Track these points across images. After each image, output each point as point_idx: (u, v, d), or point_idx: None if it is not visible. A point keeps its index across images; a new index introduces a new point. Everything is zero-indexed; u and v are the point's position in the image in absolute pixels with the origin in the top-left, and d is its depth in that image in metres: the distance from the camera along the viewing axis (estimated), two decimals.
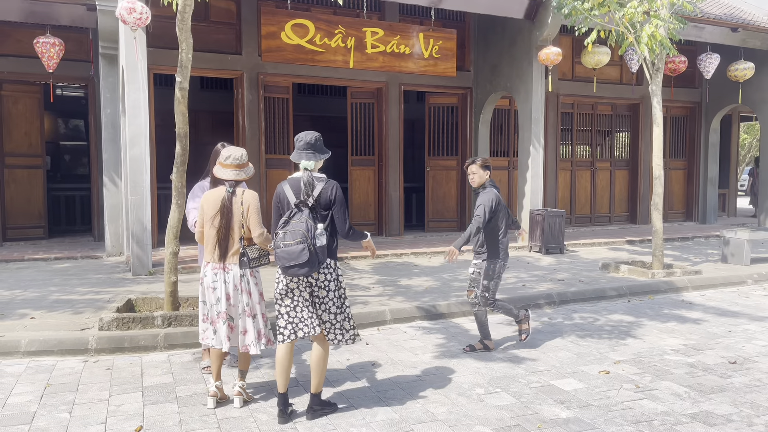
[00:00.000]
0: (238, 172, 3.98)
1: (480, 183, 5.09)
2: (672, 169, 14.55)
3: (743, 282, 8.17)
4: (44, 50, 8.84)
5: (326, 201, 3.69)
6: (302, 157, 3.74)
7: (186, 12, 5.30)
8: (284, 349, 3.78)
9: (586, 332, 5.75)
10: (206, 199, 4.01)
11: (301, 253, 3.51)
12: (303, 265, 3.53)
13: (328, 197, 3.69)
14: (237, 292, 3.95)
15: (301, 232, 3.54)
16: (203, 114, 13.93)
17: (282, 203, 3.76)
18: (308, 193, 3.64)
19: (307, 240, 3.53)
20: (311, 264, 3.54)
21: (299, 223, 3.58)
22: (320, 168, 3.88)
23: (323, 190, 3.68)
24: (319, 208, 3.67)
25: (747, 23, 11.90)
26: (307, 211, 3.62)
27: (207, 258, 3.99)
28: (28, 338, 5.02)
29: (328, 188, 3.70)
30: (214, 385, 3.96)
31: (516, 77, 10.89)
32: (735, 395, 4.15)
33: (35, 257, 8.89)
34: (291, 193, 3.69)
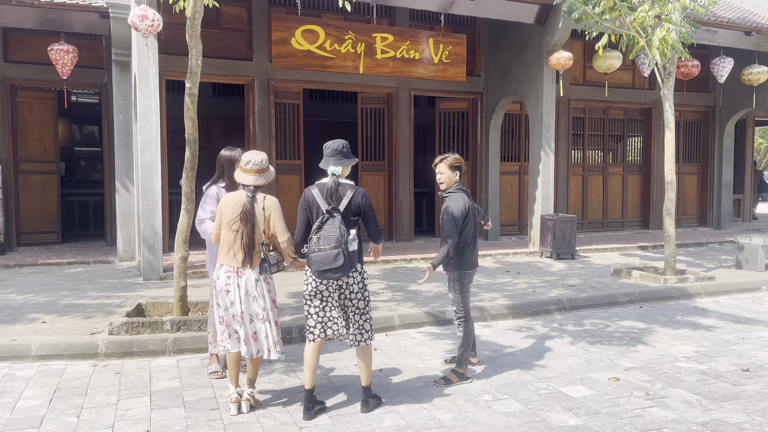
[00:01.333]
0: (258, 177, 3.97)
1: (448, 185, 4.55)
2: (686, 174, 14.42)
3: (758, 288, 8.06)
4: (58, 57, 8.95)
5: (356, 207, 3.84)
6: (330, 164, 3.86)
7: (196, 19, 5.35)
8: (312, 348, 3.92)
9: (597, 338, 5.69)
10: (225, 202, 4.00)
11: (337, 258, 3.65)
12: (338, 269, 3.67)
13: (358, 204, 3.84)
14: (248, 297, 3.93)
15: (336, 237, 3.68)
16: (215, 120, 14.03)
17: (311, 208, 3.85)
18: (338, 198, 3.77)
19: (341, 245, 3.67)
20: (344, 268, 3.69)
21: (333, 229, 3.71)
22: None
23: (354, 197, 3.82)
24: (349, 213, 3.81)
25: (760, 27, 11.78)
26: (339, 217, 3.76)
27: (221, 261, 3.98)
28: (39, 342, 5.06)
29: (359, 195, 3.85)
30: (235, 392, 3.95)
31: (527, 82, 10.85)
32: (747, 403, 4.09)
33: (48, 262, 8.98)
34: (321, 199, 3.80)
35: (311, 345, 3.92)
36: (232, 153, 4.62)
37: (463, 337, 4.55)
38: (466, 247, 4.52)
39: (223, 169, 4.62)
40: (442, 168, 4.56)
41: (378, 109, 11.62)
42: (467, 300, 4.60)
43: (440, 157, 4.59)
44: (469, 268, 4.57)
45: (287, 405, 4.07)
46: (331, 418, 3.85)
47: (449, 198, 4.52)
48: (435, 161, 4.60)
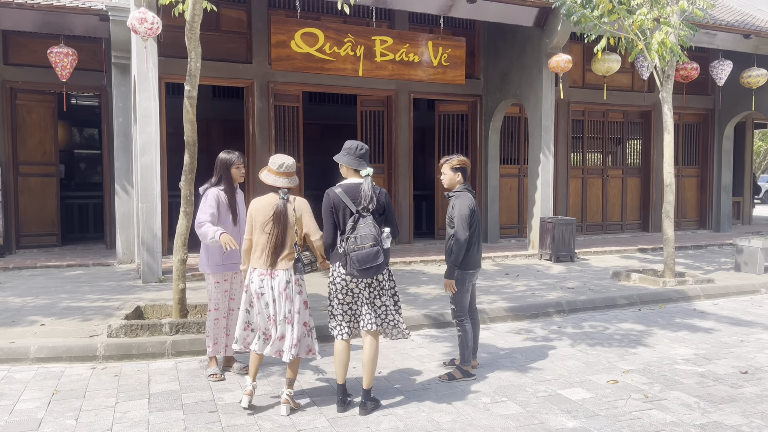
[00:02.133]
0: (290, 180, 4.04)
1: (450, 186, 4.64)
2: (685, 177, 14.43)
3: (757, 291, 8.07)
4: (58, 60, 8.96)
5: (381, 206, 3.94)
6: (364, 165, 3.95)
7: (195, 21, 5.36)
8: (343, 346, 4.00)
9: (596, 341, 5.69)
10: (256, 207, 4.04)
11: (377, 256, 3.73)
12: (379, 267, 3.76)
13: (382, 203, 3.95)
14: (281, 298, 3.96)
15: (373, 235, 3.76)
16: (215, 123, 14.05)
17: (337, 209, 3.90)
18: (371, 198, 3.83)
19: (379, 242, 3.76)
20: (383, 266, 3.79)
21: (368, 228, 3.78)
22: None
23: (379, 196, 3.93)
24: (376, 213, 3.90)
25: (759, 30, 11.80)
26: (370, 217, 3.83)
27: (254, 264, 4.02)
28: (38, 345, 5.06)
29: (383, 195, 3.97)
30: (251, 384, 4.04)
31: (526, 85, 10.87)
32: (746, 405, 4.09)
33: (47, 264, 8.98)
34: (348, 200, 3.86)
35: (342, 343, 4.00)
36: (230, 156, 4.66)
37: (462, 336, 4.62)
38: (471, 247, 4.58)
39: (221, 172, 4.63)
40: (445, 169, 4.65)
41: (377, 111, 11.63)
42: (466, 300, 4.65)
43: (445, 158, 4.70)
44: (472, 268, 4.62)
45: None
46: (329, 420, 3.85)
47: (456, 197, 4.60)
48: (441, 161, 4.71)
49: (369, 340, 3.99)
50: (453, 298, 4.64)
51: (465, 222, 4.47)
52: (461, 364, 4.64)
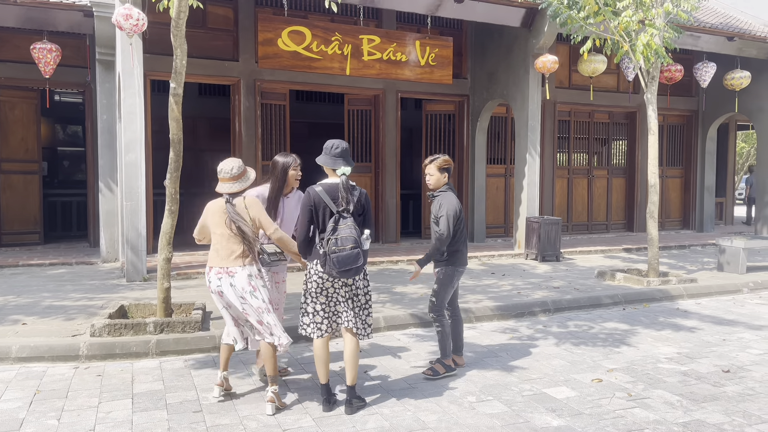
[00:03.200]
0: (232, 184, 4.05)
1: (437, 186, 4.66)
2: (669, 178, 14.57)
3: (739, 290, 8.16)
4: (41, 56, 8.85)
5: (361, 207, 3.95)
6: (340, 164, 3.91)
7: (181, 19, 5.32)
8: (322, 344, 3.98)
9: (581, 340, 5.73)
10: (210, 209, 4.13)
11: (357, 258, 3.74)
12: (358, 269, 3.77)
13: (362, 204, 3.95)
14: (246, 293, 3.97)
15: (354, 237, 3.75)
16: (201, 120, 13.96)
17: (317, 208, 3.88)
18: (349, 199, 3.83)
19: (359, 244, 3.76)
20: (362, 267, 3.80)
21: (349, 229, 3.77)
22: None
23: (359, 197, 3.93)
24: (356, 214, 3.89)
25: (743, 32, 11.95)
26: (351, 218, 3.83)
27: (211, 263, 4.05)
28: (19, 344, 5.00)
29: (362, 196, 3.96)
30: (221, 375, 4.14)
31: (512, 85, 10.91)
32: (727, 404, 4.14)
33: (30, 263, 8.87)
34: (329, 199, 3.84)
35: (320, 341, 3.98)
36: (287, 159, 4.50)
37: (440, 331, 4.68)
38: (461, 245, 4.65)
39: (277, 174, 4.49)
40: (431, 169, 4.65)
41: (365, 110, 11.62)
42: (448, 296, 4.72)
43: (430, 158, 4.68)
44: (461, 266, 4.70)
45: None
46: (314, 420, 3.84)
47: (442, 196, 4.63)
48: (425, 161, 4.70)
49: (349, 338, 4.01)
50: (436, 292, 4.68)
51: (452, 222, 4.52)
52: (442, 358, 4.69)
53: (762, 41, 12.22)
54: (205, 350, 5.22)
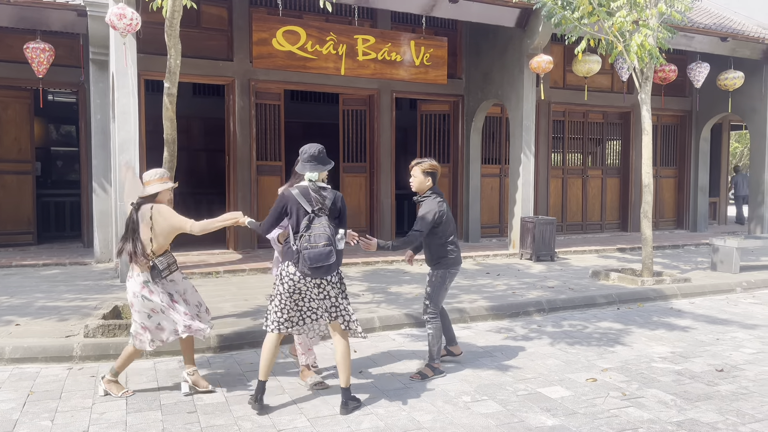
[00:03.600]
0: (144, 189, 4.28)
1: (419, 189, 4.68)
2: (663, 177, 14.62)
3: (732, 290, 8.20)
4: (34, 56, 8.81)
5: (336, 210, 4.00)
6: (306, 169, 3.98)
7: (174, 18, 5.30)
8: (274, 339, 4.00)
9: (575, 340, 5.74)
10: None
11: (329, 255, 3.80)
12: (330, 266, 3.83)
13: (338, 207, 4.01)
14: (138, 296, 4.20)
15: (327, 235, 3.82)
16: (195, 120, 13.94)
17: (291, 207, 3.94)
18: (321, 201, 3.91)
19: (332, 243, 3.81)
20: (335, 266, 3.86)
21: (322, 227, 3.84)
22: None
23: (335, 200, 3.99)
24: (332, 216, 3.95)
25: (736, 33, 12.00)
26: (325, 217, 3.88)
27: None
28: (12, 345, 4.97)
29: (338, 199, 4.03)
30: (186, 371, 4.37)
31: (507, 85, 10.93)
32: (721, 403, 4.15)
33: (23, 263, 8.83)
34: (304, 200, 3.89)
35: (273, 336, 3.99)
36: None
37: (433, 333, 4.69)
38: (452, 246, 4.68)
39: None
40: (415, 171, 4.69)
41: (359, 110, 11.61)
42: (443, 297, 4.76)
43: (417, 161, 4.73)
44: (453, 267, 4.72)
45: (267, 407, 4.03)
46: (310, 420, 3.84)
47: (425, 203, 4.67)
48: (412, 163, 4.73)
49: (338, 339, 4.02)
50: (430, 295, 4.71)
51: (426, 225, 4.55)
52: (431, 361, 4.70)
53: (755, 42, 12.28)
54: (199, 351, 5.21)
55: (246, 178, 10.35)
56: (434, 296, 4.70)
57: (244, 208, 10.10)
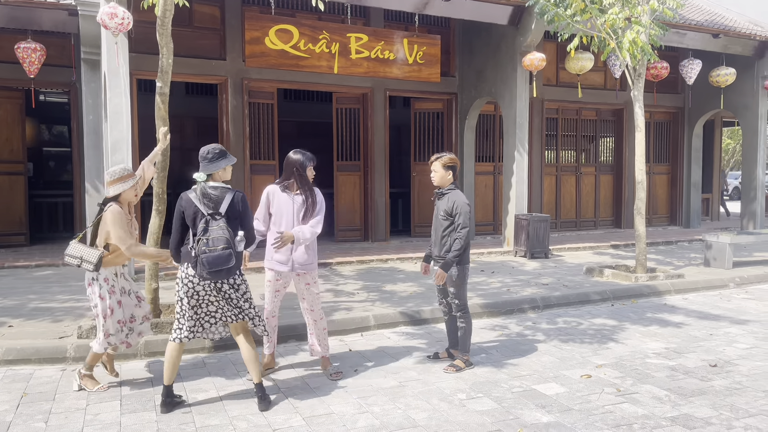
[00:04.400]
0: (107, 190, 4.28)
1: (441, 183, 4.73)
2: (656, 174, 14.68)
3: (725, 285, 8.24)
4: (25, 55, 8.75)
5: (235, 211, 3.92)
6: (199, 170, 4.00)
7: (166, 17, 5.28)
8: (176, 348, 4.01)
9: (569, 336, 5.76)
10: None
11: (228, 258, 3.75)
12: (230, 270, 3.79)
13: (237, 208, 3.93)
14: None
15: (226, 238, 3.77)
16: (188, 119, 13.88)
17: (188, 212, 3.91)
18: (216, 202, 3.87)
19: (231, 246, 3.77)
20: (234, 268, 3.82)
21: (220, 230, 3.78)
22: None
23: (233, 201, 3.91)
24: (231, 216, 3.89)
25: (728, 29, 12.04)
26: (223, 220, 3.83)
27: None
28: (5, 347, 4.94)
29: (238, 199, 3.95)
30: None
31: (500, 83, 10.94)
32: (715, 398, 4.17)
33: (15, 264, 8.78)
34: (200, 203, 3.87)
35: (174, 345, 4.00)
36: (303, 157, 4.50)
37: (465, 327, 4.78)
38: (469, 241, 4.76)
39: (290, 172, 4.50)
40: (436, 166, 4.72)
41: (353, 109, 11.60)
42: (466, 292, 4.87)
43: (436, 155, 4.76)
44: (467, 263, 4.79)
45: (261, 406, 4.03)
46: (305, 419, 3.83)
47: (452, 194, 4.70)
48: (432, 158, 4.77)
49: (242, 341, 4.03)
50: (456, 294, 4.76)
51: (467, 217, 4.61)
52: (462, 353, 4.81)
53: (747, 38, 12.33)
54: (194, 351, 5.20)
55: (239, 178, 10.32)
56: (460, 293, 4.77)
57: None
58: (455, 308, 4.82)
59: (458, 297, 4.77)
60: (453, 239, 4.64)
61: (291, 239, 4.31)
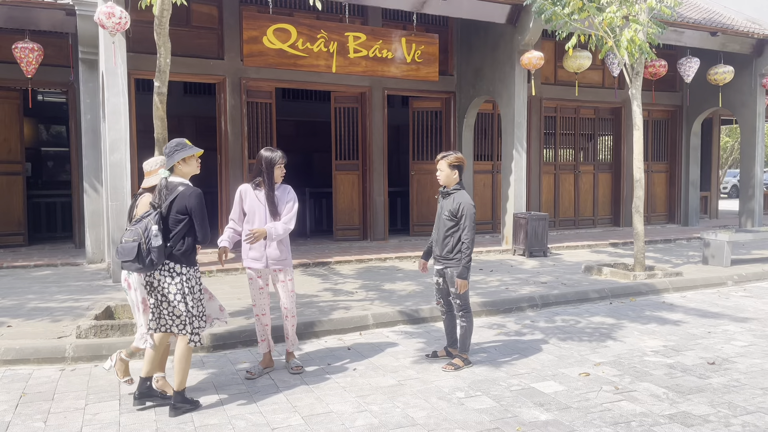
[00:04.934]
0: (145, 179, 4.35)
1: (447, 183, 4.73)
2: (654, 172, 14.69)
3: (723, 283, 8.25)
4: (23, 55, 8.74)
5: (182, 207, 3.87)
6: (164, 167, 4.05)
7: (164, 16, 5.27)
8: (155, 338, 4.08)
9: (568, 335, 5.77)
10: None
11: (132, 251, 3.77)
12: (133, 261, 3.78)
13: (184, 203, 3.87)
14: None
15: (138, 232, 3.81)
16: (187, 119, 13.87)
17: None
18: (164, 197, 3.90)
19: (141, 239, 3.78)
20: (140, 261, 3.78)
21: (141, 224, 3.85)
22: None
23: (179, 196, 3.87)
24: (177, 213, 3.87)
25: (726, 27, 12.05)
26: (154, 213, 3.86)
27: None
28: (4, 347, 4.94)
29: (186, 194, 3.88)
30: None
31: (499, 81, 10.94)
32: (713, 396, 4.18)
33: (14, 265, 8.77)
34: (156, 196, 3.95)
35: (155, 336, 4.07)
36: (273, 155, 4.55)
37: (466, 327, 4.78)
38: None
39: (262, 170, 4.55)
40: (442, 165, 4.72)
41: (351, 108, 11.59)
42: (468, 291, 4.84)
43: (442, 154, 4.76)
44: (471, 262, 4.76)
45: (261, 406, 4.04)
46: (304, 418, 3.84)
47: (457, 194, 4.70)
48: (437, 157, 4.77)
49: (177, 343, 4.03)
50: (459, 294, 4.72)
51: (473, 219, 4.60)
52: (461, 352, 4.82)
53: (745, 36, 12.34)
54: (193, 351, 5.19)
55: (238, 177, 10.32)
56: (463, 295, 4.74)
57: None
58: (457, 308, 4.81)
59: (460, 297, 4.76)
60: (460, 243, 4.63)
61: (263, 235, 4.41)
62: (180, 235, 3.88)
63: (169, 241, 3.85)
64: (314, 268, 8.95)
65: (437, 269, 4.87)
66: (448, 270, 4.73)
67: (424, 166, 12.21)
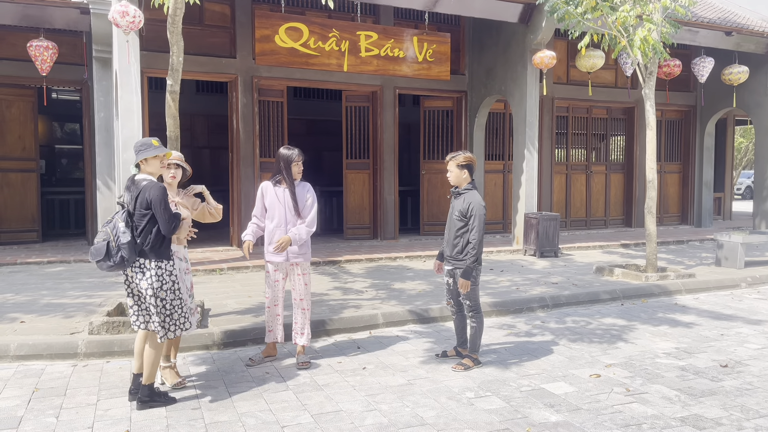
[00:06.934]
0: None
1: (457, 183, 4.72)
2: (667, 173, 14.58)
3: (737, 285, 8.17)
4: (37, 54, 8.82)
5: (145, 202, 3.89)
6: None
7: (177, 15, 5.30)
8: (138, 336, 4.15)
9: (579, 336, 5.74)
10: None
11: (101, 250, 3.82)
12: (103, 260, 3.82)
13: (146, 198, 3.89)
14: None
15: (107, 231, 3.87)
16: (198, 117, 13.95)
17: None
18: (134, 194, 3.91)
19: (110, 237, 3.84)
20: (110, 259, 3.82)
21: (112, 223, 3.91)
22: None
23: (142, 191, 3.89)
24: (141, 208, 3.89)
25: (740, 27, 11.93)
26: (120, 212, 3.92)
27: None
28: (18, 342, 5.00)
29: (147, 189, 3.90)
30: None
31: (510, 81, 10.90)
32: (725, 399, 4.14)
33: (28, 261, 8.86)
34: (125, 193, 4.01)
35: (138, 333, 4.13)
36: (290, 153, 4.74)
37: (476, 327, 4.77)
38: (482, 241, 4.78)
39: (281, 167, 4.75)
40: (451, 166, 4.73)
41: (362, 107, 11.60)
42: (479, 293, 4.83)
43: (451, 155, 4.76)
44: (480, 263, 4.76)
45: (270, 404, 4.05)
46: (313, 416, 3.84)
47: (468, 194, 4.69)
48: (447, 158, 4.77)
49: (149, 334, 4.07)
50: (469, 295, 4.72)
51: (483, 222, 4.58)
52: (471, 352, 4.81)
53: (760, 36, 12.21)
54: (204, 347, 5.23)
55: (249, 175, 10.36)
56: (473, 294, 4.73)
57: (247, 204, 10.10)
58: (467, 308, 4.80)
59: (469, 298, 4.75)
60: (467, 243, 4.62)
61: (289, 242, 4.62)
62: (147, 230, 3.90)
63: (138, 237, 3.89)
64: (324, 266, 8.96)
65: (447, 269, 4.87)
66: (458, 270, 4.72)
67: (435, 165, 12.19)
